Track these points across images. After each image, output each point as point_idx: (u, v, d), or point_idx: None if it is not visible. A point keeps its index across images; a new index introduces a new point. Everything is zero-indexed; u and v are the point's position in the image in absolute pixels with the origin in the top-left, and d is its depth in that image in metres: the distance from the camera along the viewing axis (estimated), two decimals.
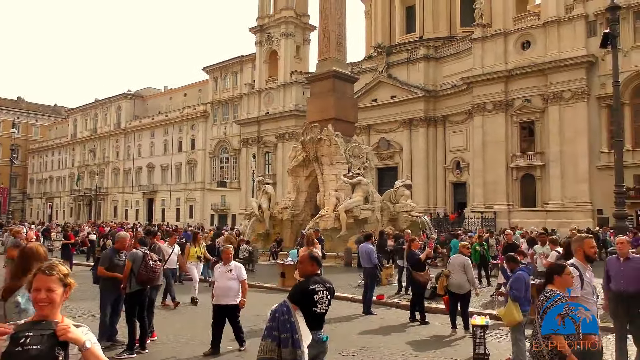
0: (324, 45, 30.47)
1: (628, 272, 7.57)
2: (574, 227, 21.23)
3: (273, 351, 4.68)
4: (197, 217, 69.63)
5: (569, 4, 41.40)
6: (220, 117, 71.68)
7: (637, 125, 38.97)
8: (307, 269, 5.29)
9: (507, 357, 8.17)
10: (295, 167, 30.87)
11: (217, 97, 71.84)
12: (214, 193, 70.71)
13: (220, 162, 71.23)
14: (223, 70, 71.95)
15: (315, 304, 5.00)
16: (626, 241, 8.21)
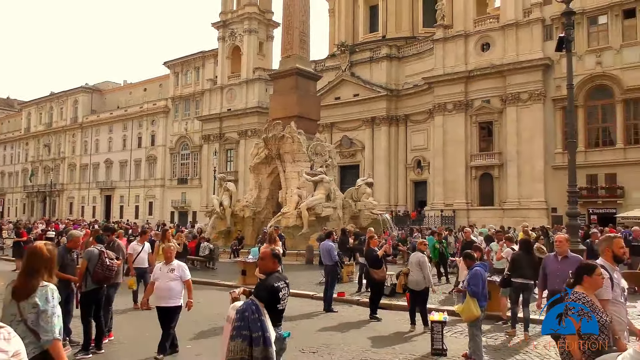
0: (287, 42, 30.36)
1: (565, 271, 7.36)
2: (526, 225, 21.76)
3: (244, 351, 4.64)
4: (156, 215, 68.46)
5: (527, 8, 42.51)
6: (181, 113, 70.61)
7: (591, 126, 40.35)
8: (268, 266, 5.30)
9: (464, 352, 8.32)
10: (258, 165, 30.69)
11: (178, 92, 70.75)
12: (174, 190, 69.64)
13: (181, 158, 70.18)
14: (185, 65, 70.88)
15: (279, 300, 5.08)
16: (565, 239, 8.09)
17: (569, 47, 14.36)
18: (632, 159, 37.55)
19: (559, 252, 7.86)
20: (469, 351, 8.12)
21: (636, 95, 37.81)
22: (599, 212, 38.25)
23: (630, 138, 38.41)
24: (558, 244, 8.02)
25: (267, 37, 65.28)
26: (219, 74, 65.25)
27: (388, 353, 8.76)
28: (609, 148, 39.06)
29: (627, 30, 38.80)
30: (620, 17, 38.87)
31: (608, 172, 38.52)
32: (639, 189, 36.88)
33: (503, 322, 10.90)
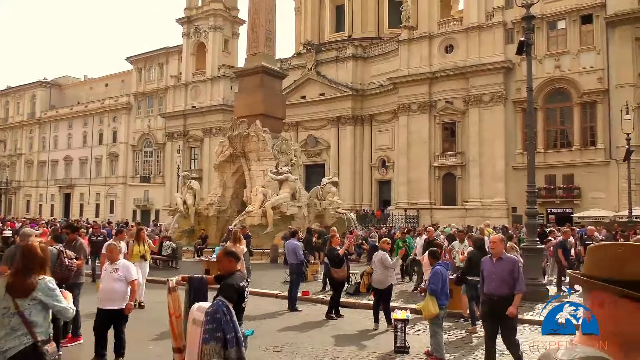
0: (253, 40, 30.21)
1: (499, 273, 7.33)
2: (488, 223, 22.23)
3: (218, 353, 4.62)
4: (118, 213, 67.08)
5: (490, 11, 43.41)
6: (144, 110, 69.36)
7: (549, 128, 41.50)
8: (227, 266, 5.25)
9: (426, 350, 8.44)
10: (222, 163, 30.42)
11: (141, 88, 69.47)
12: (136, 188, 68.37)
13: (144, 156, 68.95)
14: (148, 61, 69.64)
15: (243, 299, 5.11)
16: (499, 240, 7.78)
17: (528, 51, 14.71)
18: (588, 161, 38.81)
19: (494, 253, 7.61)
20: (430, 348, 8.25)
21: (592, 98, 39.10)
22: (557, 212, 39.39)
23: (586, 140, 39.69)
24: (492, 245, 7.71)
25: (233, 34, 64.77)
26: (183, 70, 64.38)
27: (352, 351, 8.81)
28: (566, 150, 40.26)
29: (584, 36, 40.06)
30: (578, 23, 40.12)
31: (566, 173, 39.70)
32: (594, 189, 38.14)
33: (464, 320, 11.11)
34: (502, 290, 7.27)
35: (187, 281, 5.64)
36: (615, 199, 36.60)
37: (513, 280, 7.30)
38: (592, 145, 39.23)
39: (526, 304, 12.81)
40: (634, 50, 37.61)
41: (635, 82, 37.33)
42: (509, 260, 7.45)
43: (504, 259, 7.48)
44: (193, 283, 5.59)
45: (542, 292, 13.71)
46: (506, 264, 7.35)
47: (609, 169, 37.69)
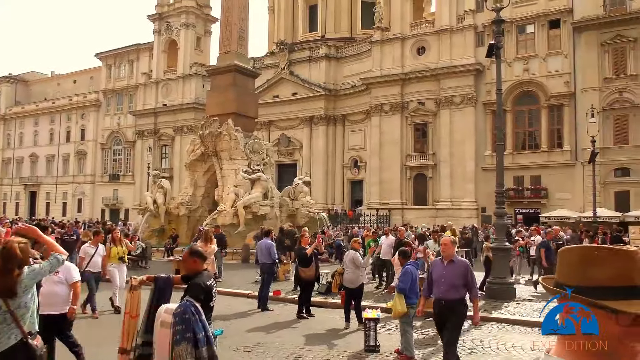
0: (225, 38, 29.97)
1: (449, 277, 6.94)
2: (450, 224, 22.50)
3: (191, 354, 4.56)
4: (86, 212, 65.78)
5: (461, 14, 44.03)
6: (113, 107, 68.21)
7: (518, 130, 42.32)
8: (192, 266, 5.19)
9: (397, 348, 8.51)
10: (193, 162, 30.11)
11: (110, 85, 68.30)
12: (105, 186, 67.18)
13: (113, 154, 67.82)
14: (118, 58, 68.51)
15: (211, 298, 5.07)
16: (450, 242, 7.22)
17: (498, 54, 14.97)
18: (555, 162, 39.73)
19: (445, 256, 7.09)
20: (401, 347, 8.31)
21: (559, 101, 40.04)
22: (524, 212, 40.21)
23: (553, 142, 40.61)
24: (443, 247, 7.20)
25: (205, 32, 64.21)
26: (154, 68, 63.54)
27: (322, 350, 8.83)
28: (534, 151, 41.12)
29: (552, 40, 40.98)
30: (546, 27, 41.02)
31: (533, 174, 40.55)
32: (561, 190, 39.05)
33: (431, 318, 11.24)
34: (450, 295, 6.88)
35: (152, 281, 5.56)
36: (581, 199, 37.54)
37: (464, 284, 6.93)
38: (559, 148, 40.16)
39: (494, 303, 13.05)
40: (599, 55, 38.65)
41: (601, 86, 38.36)
42: (461, 264, 7.08)
43: (456, 262, 7.06)
44: (158, 283, 5.50)
45: (510, 291, 13.97)
46: (457, 268, 6.97)
47: (575, 171, 38.64)
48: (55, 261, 4.61)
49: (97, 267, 11.73)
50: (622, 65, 38.26)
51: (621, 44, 38.30)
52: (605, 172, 37.56)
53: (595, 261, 1.43)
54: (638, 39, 37.38)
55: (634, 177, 37.23)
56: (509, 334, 10.11)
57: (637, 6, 37.59)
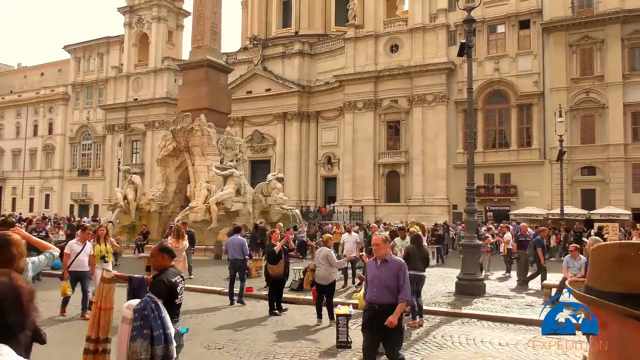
0: (198, 33, 29.64)
1: (383, 278, 6.38)
2: (413, 221, 22.67)
3: (146, 350, 4.53)
4: (54, 208, 64.43)
5: (433, 13, 44.44)
6: (83, 101, 66.85)
7: (489, 129, 42.97)
8: (160, 262, 5.17)
9: None
10: (165, 157, 29.74)
11: (80, 79, 66.92)
12: (74, 182, 65.85)
13: (83, 148, 66.52)
14: (87, 51, 67.14)
15: (177, 295, 5.03)
16: (381, 240, 6.60)
17: (469, 53, 15.16)
18: (524, 160, 40.50)
19: (378, 256, 6.54)
20: None
21: (528, 101, 40.80)
22: (495, 209, 40.93)
23: (523, 141, 41.36)
24: (376, 247, 6.61)
25: (177, 26, 63.41)
26: (125, 61, 62.47)
27: (294, 347, 8.84)
28: (504, 150, 41.82)
29: (522, 40, 41.70)
30: (516, 27, 41.72)
31: (503, 172, 41.26)
32: (529, 188, 39.85)
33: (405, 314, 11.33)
34: (384, 298, 6.29)
35: (127, 280, 5.49)
36: (549, 197, 38.38)
37: (397, 286, 6.31)
38: (528, 146, 40.93)
39: (464, 298, 13.26)
40: (568, 55, 39.50)
41: (568, 86, 39.23)
42: (394, 264, 6.46)
43: (389, 262, 6.45)
44: (133, 283, 5.45)
45: (479, 287, 14.20)
46: (391, 268, 6.38)
47: (543, 169, 39.46)
48: (51, 256, 4.72)
49: (82, 266, 11.06)
50: (589, 66, 39.18)
51: (588, 45, 39.21)
52: (572, 171, 38.46)
53: (633, 263, 1.19)
54: (605, 40, 38.33)
55: (600, 175, 38.24)
56: (478, 329, 10.28)
57: (603, 8, 38.50)
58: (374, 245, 6.71)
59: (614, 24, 37.94)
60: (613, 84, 37.94)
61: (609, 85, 38.07)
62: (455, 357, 8.32)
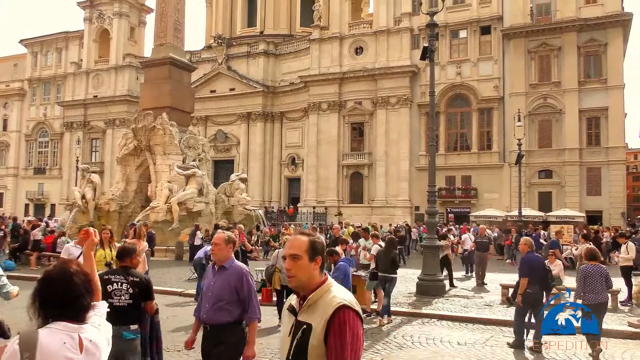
0: (160, 30, 29.14)
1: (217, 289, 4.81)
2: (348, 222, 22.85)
3: None
4: (8, 207, 62.20)
5: (398, 17, 44.95)
6: (40, 97, 64.85)
7: (451, 132, 43.73)
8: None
9: None
10: (126, 156, 29.12)
11: (36, 74, 64.89)
12: (30, 180, 63.80)
13: (39, 146, 64.53)
14: (45, 45, 65.15)
15: (110, 295, 4.88)
16: (224, 240, 4.96)
17: (432, 57, 15.38)
18: (484, 163, 41.39)
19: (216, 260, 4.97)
20: None
21: (489, 105, 41.73)
22: (456, 211, 41.67)
23: (483, 144, 42.25)
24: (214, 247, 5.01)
25: (140, 22, 62.21)
26: (84, 57, 60.90)
27: (256, 348, 8.75)
28: (465, 152, 42.65)
29: (483, 45, 42.62)
30: (477, 33, 42.61)
31: (464, 175, 42.07)
32: (489, 190, 40.74)
33: (367, 315, 11.43)
34: (217, 317, 4.73)
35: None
36: (508, 199, 39.31)
37: (238, 300, 4.77)
38: (488, 149, 41.84)
39: (425, 299, 13.44)
40: (527, 61, 40.62)
41: (527, 91, 40.33)
42: (234, 271, 4.87)
43: (228, 268, 4.87)
44: None
45: (440, 287, 14.42)
46: (228, 277, 4.81)
47: (503, 172, 40.41)
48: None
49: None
50: (547, 72, 40.36)
51: (546, 51, 40.39)
52: (531, 174, 39.53)
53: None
54: (562, 47, 39.56)
55: (556, 178, 39.44)
56: (437, 329, 10.44)
57: (561, 16, 39.74)
58: (213, 244, 5.12)
59: (570, 32, 39.20)
60: (569, 90, 39.21)
61: (566, 91, 39.32)
62: (414, 357, 8.42)
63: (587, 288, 8.10)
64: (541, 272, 8.77)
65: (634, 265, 14.20)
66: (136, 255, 5.50)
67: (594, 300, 7.99)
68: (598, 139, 39.11)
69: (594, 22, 38.81)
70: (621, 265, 14.09)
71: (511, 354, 8.65)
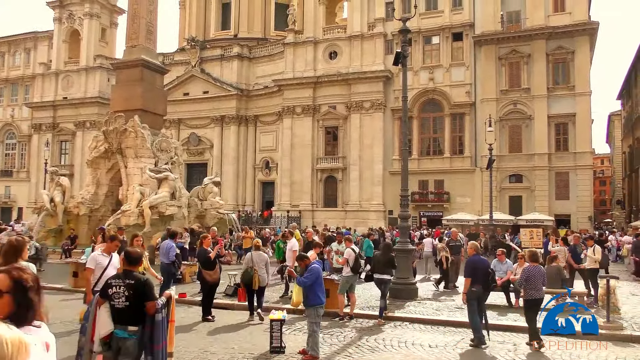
0: (133, 32, 28.77)
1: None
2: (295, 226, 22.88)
3: (80, 338, 5.45)
4: None
5: (371, 22, 45.30)
6: (7, 98, 63.41)
7: (424, 136, 44.18)
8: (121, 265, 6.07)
9: (301, 349, 8.58)
10: (96, 159, 28.64)
11: (4, 74, 63.50)
12: None
13: (6, 148, 63.08)
14: (13, 45, 63.78)
15: (111, 297, 5.40)
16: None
17: (404, 63, 15.54)
18: (457, 168, 41.94)
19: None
20: (307, 346, 8.40)
21: (461, 110, 42.32)
22: (428, 215, 42.09)
23: (455, 149, 42.80)
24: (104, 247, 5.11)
25: (111, 23, 61.30)
26: (54, 58, 59.71)
27: (227, 353, 8.72)
28: (438, 157, 43.14)
29: (455, 52, 43.23)
30: (450, 40, 43.21)
31: (437, 179, 42.53)
32: (461, 194, 41.27)
33: (340, 318, 11.45)
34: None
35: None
36: (479, 203, 39.87)
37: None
38: (460, 154, 42.41)
39: (397, 302, 13.52)
40: (497, 68, 41.37)
41: (498, 97, 41.06)
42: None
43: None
44: None
45: (412, 291, 14.52)
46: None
47: (474, 176, 40.98)
48: None
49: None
50: (516, 78, 41.15)
51: (516, 58, 41.19)
52: (501, 178, 40.20)
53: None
54: (531, 55, 40.39)
55: (526, 183, 40.19)
56: (410, 332, 10.51)
57: (530, 24, 40.59)
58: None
59: (539, 39, 40.06)
60: (538, 96, 40.05)
61: (535, 97, 40.15)
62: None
63: (529, 285, 9.23)
64: (484, 273, 9.63)
65: (600, 267, 14.52)
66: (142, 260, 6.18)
67: (536, 296, 9.21)
68: (566, 144, 40.02)
69: (562, 31, 39.75)
70: (588, 267, 14.41)
71: (482, 356, 8.77)
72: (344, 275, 11.73)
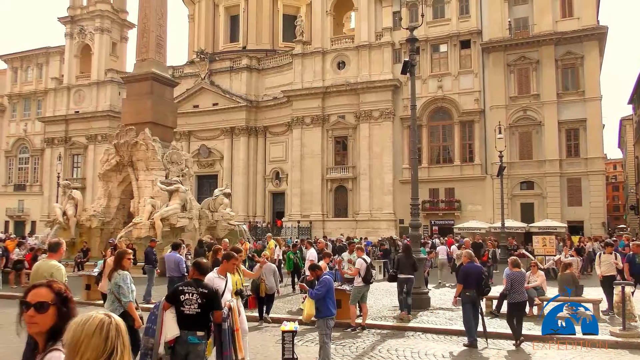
0: (142, 46, 29.11)
1: None
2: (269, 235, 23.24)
3: (147, 340, 5.75)
4: None
5: (379, 31, 45.44)
6: (20, 113, 64.13)
7: (433, 144, 44.09)
8: (190, 274, 6.34)
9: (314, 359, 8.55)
10: (108, 172, 28.89)
11: (16, 89, 64.25)
12: (9, 197, 62.79)
13: (19, 162, 63.69)
14: (25, 61, 64.61)
15: (182, 304, 5.76)
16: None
17: (412, 71, 15.56)
18: (467, 176, 41.75)
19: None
20: (318, 358, 8.36)
21: (470, 118, 42.20)
22: (440, 223, 41.88)
23: (465, 156, 42.64)
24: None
25: (122, 38, 61.97)
26: (65, 72, 60.40)
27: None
28: (448, 165, 42.99)
29: (463, 59, 43.22)
30: (457, 47, 43.21)
31: (447, 187, 42.36)
32: (472, 202, 41.06)
33: (352, 329, 11.40)
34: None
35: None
36: (490, 211, 39.63)
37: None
38: (471, 161, 42.24)
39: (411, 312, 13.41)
40: (506, 74, 41.27)
41: (507, 103, 40.91)
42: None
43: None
44: None
45: (425, 300, 14.41)
46: None
47: (485, 184, 40.78)
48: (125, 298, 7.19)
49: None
50: (526, 84, 41.01)
51: (525, 65, 41.08)
52: (512, 185, 39.95)
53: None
54: (540, 60, 40.27)
55: (537, 190, 39.89)
56: (422, 342, 10.44)
57: (538, 30, 40.50)
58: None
59: (548, 45, 39.95)
60: (548, 102, 39.86)
61: (545, 103, 39.97)
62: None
63: (513, 289, 9.96)
64: (477, 278, 10.12)
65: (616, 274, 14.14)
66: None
67: (519, 299, 9.95)
68: (577, 150, 39.74)
69: (570, 36, 39.62)
70: (604, 274, 13.90)
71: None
72: (356, 286, 11.70)
